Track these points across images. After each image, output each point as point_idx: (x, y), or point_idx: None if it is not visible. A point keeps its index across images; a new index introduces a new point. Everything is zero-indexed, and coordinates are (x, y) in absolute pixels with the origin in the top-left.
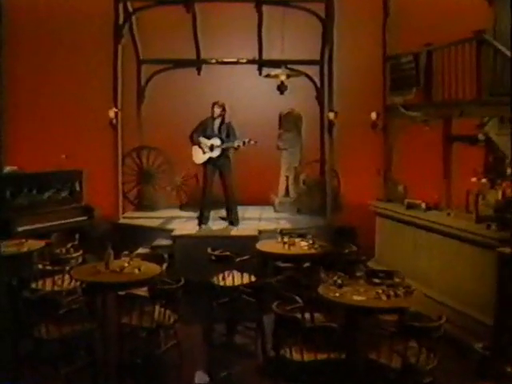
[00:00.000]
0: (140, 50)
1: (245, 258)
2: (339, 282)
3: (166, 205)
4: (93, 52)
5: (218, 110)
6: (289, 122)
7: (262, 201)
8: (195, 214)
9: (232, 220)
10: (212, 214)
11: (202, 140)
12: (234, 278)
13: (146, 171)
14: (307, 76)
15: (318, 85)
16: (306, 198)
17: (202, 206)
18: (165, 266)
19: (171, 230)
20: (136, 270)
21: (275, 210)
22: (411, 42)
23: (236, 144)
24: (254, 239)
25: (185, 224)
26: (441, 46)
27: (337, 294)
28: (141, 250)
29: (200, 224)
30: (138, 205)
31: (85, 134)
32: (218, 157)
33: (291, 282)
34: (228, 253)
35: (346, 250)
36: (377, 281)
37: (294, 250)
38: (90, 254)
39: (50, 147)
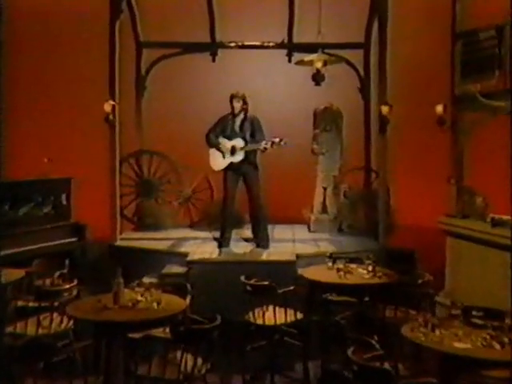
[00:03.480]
0: (140, 30)
1: (290, 288)
2: (433, 322)
3: (173, 223)
4: (83, 32)
5: (238, 105)
6: (326, 119)
7: (293, 218)
8: (211, 235)
9: (260, 241)
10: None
11: (222, 141)
12: (275, 315)
13: (146, 181)
14: (348, 63)
15: (362, 73)
16: (348, 214)
17: (222, 223)
18: (189, 298)
19: (185, 255)
20: (154, 305)
21: (310, 230)
22: (491, 11)
23: (262, 146)
24: (290, 265)
25: (201, 246)
26: None
27: (431, 339)
28: (146, 280)
29: (220, 246)
30: (137, 223)
31: (73, 133)
32: (241, 162)
33: (357, 321)
34: (266, 282)
35: (420, 280)
36: (479, 322)
37: (352, 280)
38: (82, 286)
39: (31, 149)
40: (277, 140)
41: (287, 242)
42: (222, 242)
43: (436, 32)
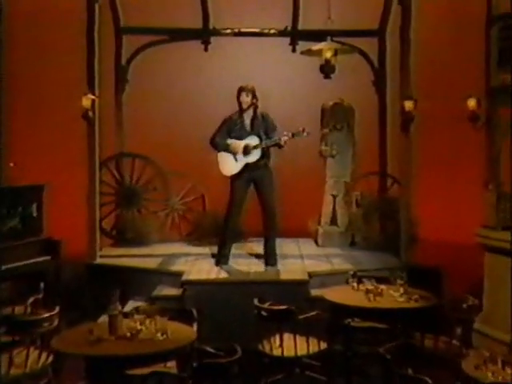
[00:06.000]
0: (121, 14)
1: (312, 314)
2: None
3: (159, 237)
4: (57, 16)
5: (247, 99)
6: (336, 117)
7: (297, 231)
8: (204, 250)
9: (269, 258)
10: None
11: (231, 142)
12: (296, 345)
13: (128, 189)
14: (361, 53)
15: (376, 64)
16: (361, 225)
17: (223, 237)
18: (195, 326)
19: (178, 274)
20: (159, 335)
21: (318, 244)
22: None
23: (282, 139)
24: (303, 285)
25: (195, 264)
26: None
27: (502, 379)
28: (133, 304)
29: (219, 264)
30: (116, 237)
31: (45, 133)
32: (257, 162)
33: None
34: (284, 307)
35: (464, 305)
36: None
37: (383, 303)
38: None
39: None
40: (300, 129)
41: (294, 259)
42: (221, 259)
43: (467, 15)
